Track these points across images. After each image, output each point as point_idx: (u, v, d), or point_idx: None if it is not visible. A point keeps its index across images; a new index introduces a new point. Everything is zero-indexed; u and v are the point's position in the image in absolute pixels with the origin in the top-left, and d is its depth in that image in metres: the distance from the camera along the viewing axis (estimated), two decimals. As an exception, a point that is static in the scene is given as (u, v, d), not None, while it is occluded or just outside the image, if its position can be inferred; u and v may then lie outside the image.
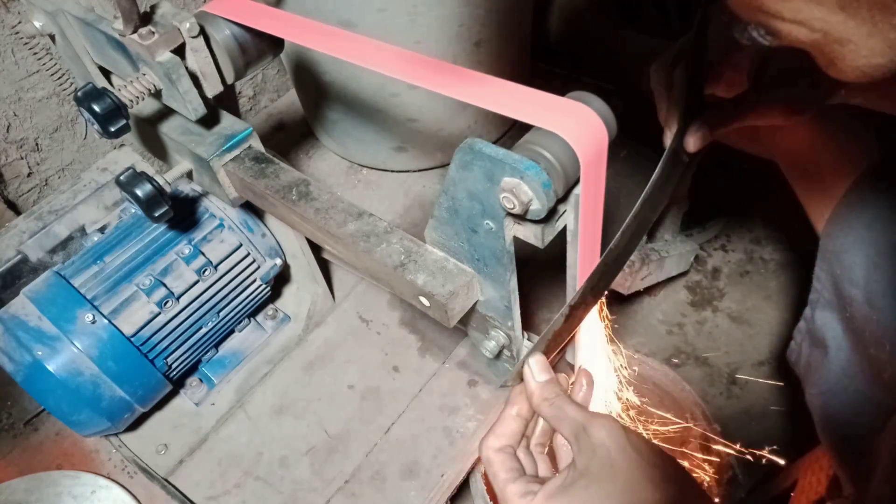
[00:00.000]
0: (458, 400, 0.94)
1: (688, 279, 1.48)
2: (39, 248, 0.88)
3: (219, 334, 0.94)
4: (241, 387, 0.98)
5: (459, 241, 0.58)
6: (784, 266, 1.48)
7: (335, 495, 0.87)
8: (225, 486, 0.89)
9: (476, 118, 1.15)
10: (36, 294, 0.79)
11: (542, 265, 1.02)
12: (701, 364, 1.36)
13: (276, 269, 0.92)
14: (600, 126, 0.48)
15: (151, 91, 0.65)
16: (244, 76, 0.70)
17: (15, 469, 0.91)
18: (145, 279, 0.82)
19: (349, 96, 1.09)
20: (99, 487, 0.89)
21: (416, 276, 0.58)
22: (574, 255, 0.57)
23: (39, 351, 0.76)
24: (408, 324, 1.03)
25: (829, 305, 0.77)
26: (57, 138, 1.13)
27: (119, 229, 0.88)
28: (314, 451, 0.91)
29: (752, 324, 1.40)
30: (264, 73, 1.42)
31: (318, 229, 0.66)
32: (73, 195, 0.92)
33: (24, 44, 1.00)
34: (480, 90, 0.51)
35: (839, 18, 0.27)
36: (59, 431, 0.95)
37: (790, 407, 1.27)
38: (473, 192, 0.51)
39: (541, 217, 0.49)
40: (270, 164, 0.72)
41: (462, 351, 0.99)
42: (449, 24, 0.97)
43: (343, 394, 0.96)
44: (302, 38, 0.61)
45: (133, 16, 0.59)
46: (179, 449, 0.92)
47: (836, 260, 0.74)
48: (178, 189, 0.88)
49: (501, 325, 0.67)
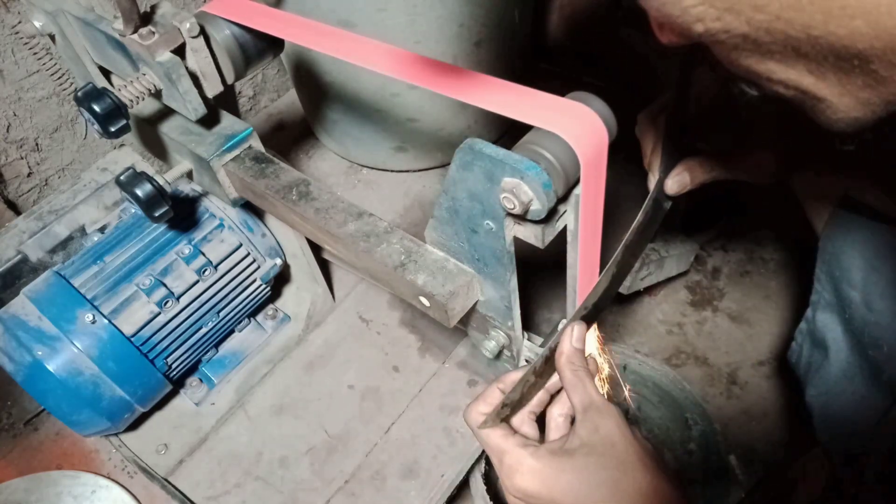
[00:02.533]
0: (458, 400, 0.94)
1: (688, 279, 1.48)
2: (39, 248, 0.88)
3: (219, 334, 0.94)
4: (241, 387, 0.98)
5: (459, 241, 0.58)
6: (784, 266, 1.48)
7: (335, 495, 0.87)
8: (225, 486, 0.89)
9: (476, 118, 1.15)
10: (36, 294, 0.79)
11: (542, 265, 1.02)
12: (701, 364, 1.36)
13: (276, 269, 0.92)
14: (600, 126, 0.48)
15: (151, 91, 0.65)
16: (244, 76, 0.70)
17: (15, 469, 0.91)
18: (145, 279, 0.82)
19: (349, 96, 1.09)
20: (99, 487, 0.89)
21: (416, 276, 0.59)
22: (574, 255, 0.57)
23: (39, 351, 0.76)
24: (408, 324, 1.03)
25: (830, 307, 0.77)
26: (57, 138, 1.13)
27: (119, 229, 0.88)
28: (314, 451, 0.91)
29: (752, 324, 1.40)
30: (264, 73, 1.41)
31: (318, 229, 0.66)
32: (73, 195, 0.92)
33: (24, 44, 1.00)
34: (480, 90, 0.51)
35: (811, 81, 0.28)
36: (59, 431, 0.95)
37: (790, 407, 1.27)
38: (474, 193, 0.51)
39: (541, 217, 0.49)
40: (270, 164, 0.72)
41: (462, 351, 0.99)
42: (449, 24, 0.97)
43: (343, 394, 0.96)
44: (301, 38, 0.61)
45: (133, 16, 0.59)
46: (179, 449, 0.92)
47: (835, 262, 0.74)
48: (178, 189, 0.88)
49: (501, 325, 0.67)
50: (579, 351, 0.57)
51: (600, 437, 0.52)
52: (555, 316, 1.02)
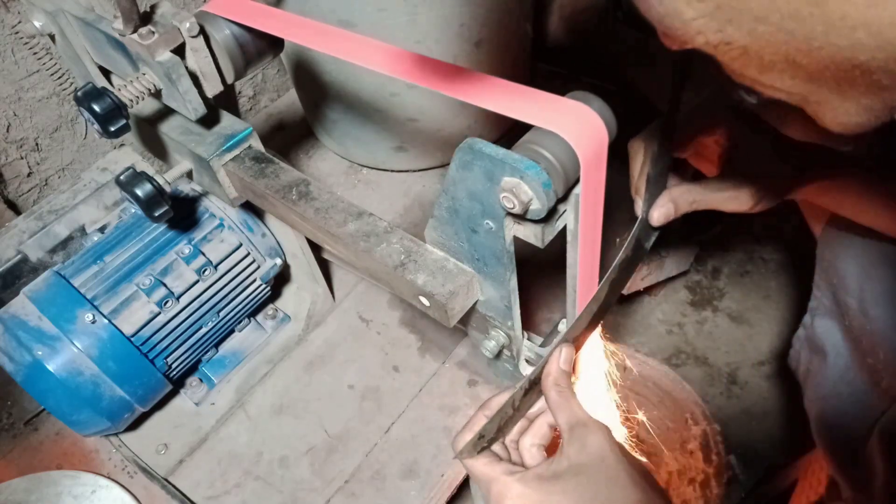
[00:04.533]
0: (458, 400, 0.94)
1: (688, 279, 1.48)
2: (39, 247, 0.88)
3: (219, 334, 0.94)
4: (241, 387, 0.98)
5: (459, 240, 0.58)
6: (784, 266, 1.48)
7: (335, 495, 0.87)
8: (225, 486, 0.89)
9: (476, 118, 1.15)
10: (36, 294, 0.79)
11: (542, 265, 1.02)
12: (701, 364, 1.36)
13: (276, 269, 0.92)
14: (601, 126, 0.48)
15: (151, 91, 0.65)
16: (244, 76, 0.70)
17: (15, 469, 0.91)
18: (145, 279, 0.82)
19: (349, 96, 1.09)
20: (99, 487, 0.89)
21: (416, 276, 0.58)
22: (574, 254, 0.57)
23: (39, 351, 0.76)
24: (408, 324, 1.03)
25: (830, 313, 0.77)
26: (57, 138, 1.13)
27: (119, 229, 0.88)
28: (314, 451, 0.91)
29: (752, 324, 1.40)
30: (264, 73, 1.41)
31: (318, 229, 0.66)
32: (73, 195, 0.92)
33: (24, 44, 1.00)
34: (480, 90, 0.51)
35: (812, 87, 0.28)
36: (59, 431, 0.95)
37: (790, 407, 1.27)
38: (473, 192, 0.51)
39: (541, 217, 0.49)
40: (270, 164, 0.72)
41: (462, 351, 0.99)
42: (449, 24, 0.97)
43: (343, 394, 0.96)
44: (301, 38, 0.61)
45: (133, 15, 0.59)
46: (179, 449, 0.92)
47: (832, 269, 0.75)
48: (178, 189, 0.88)
49: (501, 325, 0.67)
50: (567, 373, 0.57)
51: (588, 454, 0.52)
52: (555, 316, 1.02)
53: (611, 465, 0.51)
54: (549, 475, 0.52)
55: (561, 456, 0.53)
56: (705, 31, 0.27)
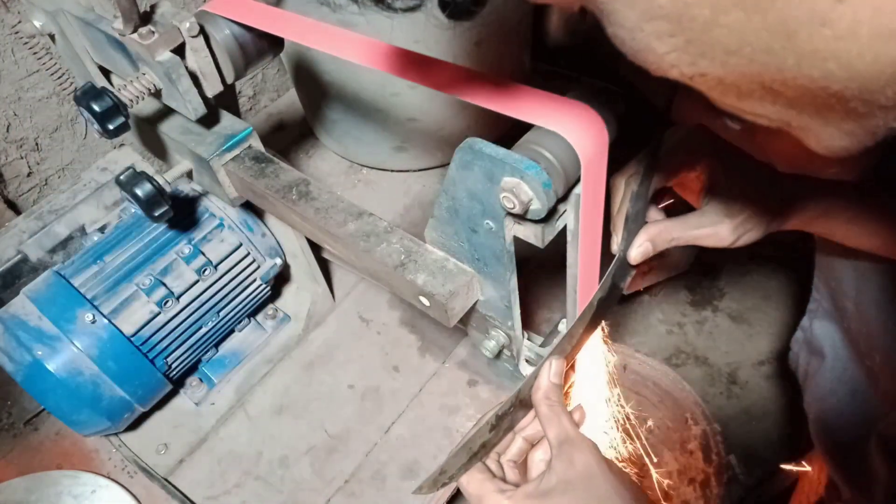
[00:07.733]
0: (458, 400, 0.94)
1: (688, 279, 1.48)
2: (39, 247, 0.88)
3: (219, 334, 0.94)
4: (241, 386, 0.98)
5: (459, 240, 0.58)
6: (784, 266, 1.48)
7: (335, 495, 0.87)
8: (225, 486, 0.89)
9: (476, 118, 1.15)
10: (36, 294, 0.79)
11: (542, 265, 1.02)
12: (701, 364, 1.36)
13: (276, 269, 0.92)
14: (601, 126, 0.48)
15: (151, 91, 0.65)
16: (244, 76, 0.70)
17: (15, 469, 0.91)
18: (145, 279, 0.81)
19: (349, 96, 1.09)
20: (99, 487, 0.89)
21: (416, 276, 0.58)
22: (574, 254, 0.57)
23: (39, 351, 0.76)
24: (408, 324, 1.03)
25: (829, 315, 0.77)
26: (57, 138, 1.13)
27: (119, 229, 0.88)
28: (314, 451, 0.91)
29: (752, 323, 1.40)
30: (264, 73, 1.41)
31: (318, 229, 0.66)
32: (73, 195, 0.92)
33: (24, 44, 1.00)
34: (480, 89, 0.51)
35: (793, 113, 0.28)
36: (59, 431, 0.95)
37: (790, 407, 1.27)
38: (473, 192, 0.51)
39: (541, 217, 0.49)
40: (270, 164, 0.72)
41: (462, 351, 0.99)
42: (449, 24, 0.97)
43: (343, 394, 0.96)
44: (302, 38, 0.61)
45: (133, 15, 0.59)
46: (179, 449, 0.92)
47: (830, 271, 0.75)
48: (178, 189, 0.88)
49: (501, 325, 0.67)
50: (557, 386, 0.57)
51: (577, 471, 0.52)
52: (555, 316, 1.02)
53: (598, 483, 0.52)
54: (537, 494, 0.53)
55: (550, 473, 0.54)
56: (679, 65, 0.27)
